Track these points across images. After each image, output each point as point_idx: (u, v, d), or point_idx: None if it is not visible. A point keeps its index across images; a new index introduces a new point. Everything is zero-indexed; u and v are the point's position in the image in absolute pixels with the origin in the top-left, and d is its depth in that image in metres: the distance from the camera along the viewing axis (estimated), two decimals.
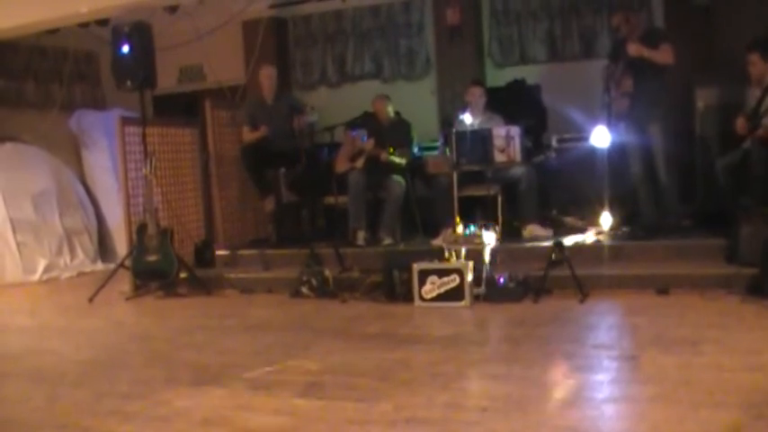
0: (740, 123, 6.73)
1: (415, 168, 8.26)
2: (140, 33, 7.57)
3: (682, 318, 5.35)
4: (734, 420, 3.29)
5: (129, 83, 7.64)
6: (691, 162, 7.55)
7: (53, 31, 9.47)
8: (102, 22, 8.95)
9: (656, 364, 4.26)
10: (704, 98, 7.95)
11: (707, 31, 8.02)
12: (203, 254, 8.38)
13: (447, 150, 7.31)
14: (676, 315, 5.44)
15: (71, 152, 10.59)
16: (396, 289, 6.53)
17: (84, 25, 9.18)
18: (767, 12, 7.52)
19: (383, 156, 7.90)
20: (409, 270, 6.36)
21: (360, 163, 8.10)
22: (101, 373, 4.91)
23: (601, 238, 7.15)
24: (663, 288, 6.10)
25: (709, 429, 3.22)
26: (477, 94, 7.90)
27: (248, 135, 8.47)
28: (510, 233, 7.44)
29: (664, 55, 6.74)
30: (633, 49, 6.81)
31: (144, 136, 7.78)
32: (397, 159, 7.88)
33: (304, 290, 7.01)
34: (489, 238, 6.46)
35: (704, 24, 8.13)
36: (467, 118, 7.46)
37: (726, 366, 4.11)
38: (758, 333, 4.80)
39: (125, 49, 7.54)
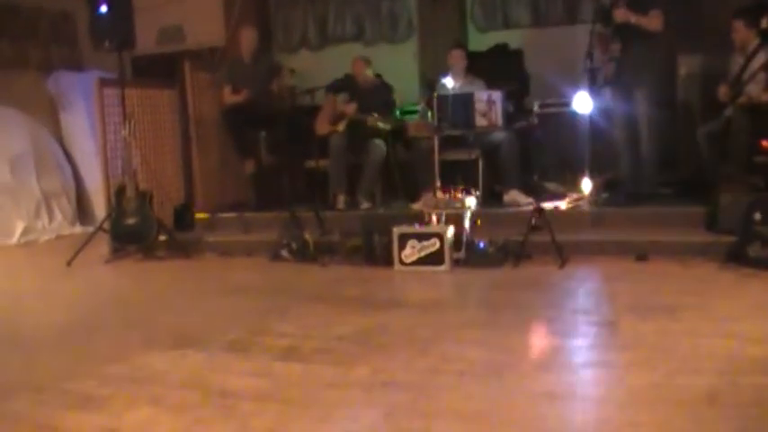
0: (723, 90, 6.75)
1: (397, 132, 8.23)
2: None
3: (660, 284, 5.38)
4: (709, 386, 3.31)
5: (107, 43, 7.53)
6: (673, 129, 7.54)
7: None
8: None
9: (634, 330, 4.28)
10: (687, 65, 7.95)
11: None
12: (183, 217, 8.31)
13: (429, 114, 7.28)
14: (655, 282, 5.47)
15: (48, 114, 10.45)
16: (375, 253, 6.53)
17: None
18: None
19: (370, 120, 7.86)
20: (389, 234, 6.35)
21: (341, 126, 8.06)
22: (79, 336, 4.88)
23: (581, 203, 7.16)
24: (642, 254, 6.13)
25: (685, 395, 3.24)
26: (457, 57, 7.85)
27: (230, 96, 8.37)
28: (490, 198, 7.44)
29: (652, 21, 6.69)
30: (620, 14, 6.76)
31: (122, 98, 7.67)
32: (381, 124, 7.85)
33: (284, 253, 6.99)
34: (470, 203, 6.46)
35: None
36: (448, 82, 7.43)
37: (703, 333, 4.14)
38: (735, 300, 4.84)
39: (103, 8, 7.42)
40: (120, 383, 3.83)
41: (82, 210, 10.28)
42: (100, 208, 8.95)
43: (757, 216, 5.64)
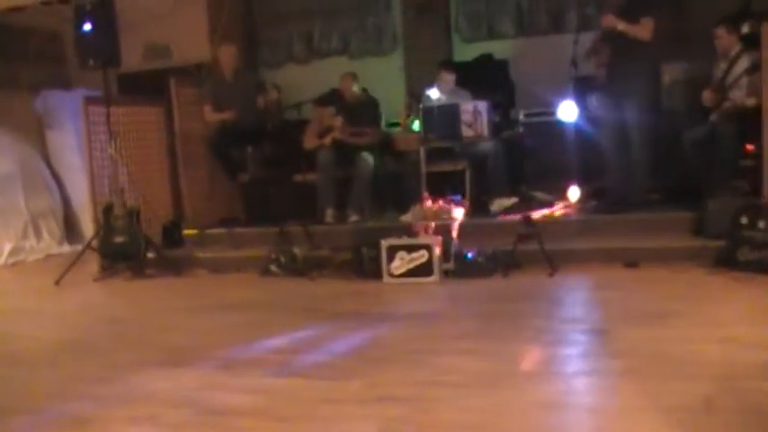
0: (707, 95, 6.79)
1: (384, 144, 8.24)
2: (103, 10, 7.44)
3: (651, 291, 5.40)
4: (703, 392, 3.32)
5: (92, 61, 7.52)
6: (658, 136, 7.58)
7: (18, 10, 9.30)
8: (65, 0, 8.78)
9: (626, 338, 4.29)
10: (671, 73, 7.99)
11: (674, 6, 8.03)
12: (172, 234, 8.31)
13: (410, 122, 7.34)
14: (645, 288, 5.49)
15: (35, 133, 10.41)
16: (365, 266, 6.52)
17: (47, 3, 9.02)
18: None
19: (353, 140, 7.90)
20: (378, 247, 6.35)
21: (328, 140, 8.06)
22: (70, 356, 4.86)
23: (569, 212, 7.18)
24: (631, 261, 6.15)
25: (678, 402, 3.25)
26: (449, 80, 7.84)
27: (211, 115, 8.35)
28: (478, 208, 7.46)
29: (642, 30, 6.68)
30: (606, 20, 6.78)
31: (108, 115, 7.65)
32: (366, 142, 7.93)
33: (273, 268, 6.98)
34: (458, 214, 6.47)
35: None
36: (433, 93, 7.45)
37: (695, 338, 4.15)
38: (726, 305, 4.86)
39: (87, 27, 7.41)
40: (114, 404, 3.81)
41: (70, 229, 10.24)
42: (88, 227, 8.93)
43: (745, 220, 5.68)
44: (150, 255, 7.62)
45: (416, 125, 7.47)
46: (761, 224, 5.60)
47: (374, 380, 3.86)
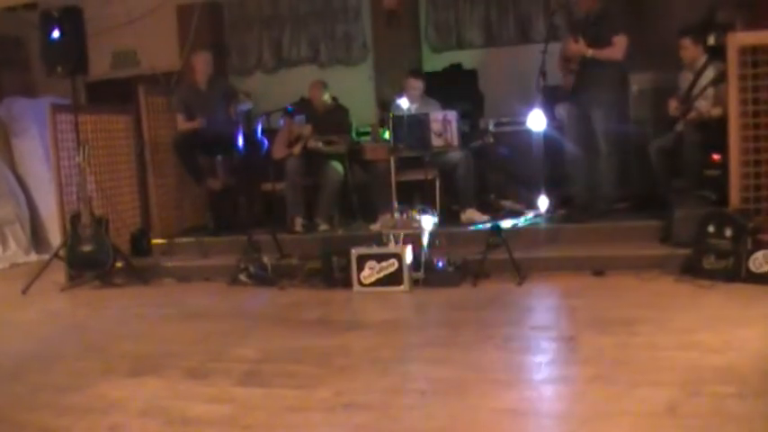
0: (673, 105, 6.84)
1: (354, 153, 8.24)
2: (71, 18, 7.38)
3: (618, 298, 5.43)
4: (670, 398, 3.34)
5: (59, 69, 7.45)
6: (625, 145, 7.63)
7: None
8: (31, 6, 8.71)
9: (594, 345, 4.32)
10: (638, 82, 8.05)
11: (640, 17, 8.10)
12: (140, 243, 8.24)
13: (381, 134, 7.32)
14: (612, 296, 5.52)
15: (1, 141, 10.32)
16: (334, 275, 6.51)
17: (12, 9, 8.95)
18: None
19: (320, 146, 7.89)
20: (347, 255, 6.34)
21: (297, 149, 8.05)
22: (36, 365, 4.80)
23: (538, 221, 7.21)
24: (599, 270, 6.18)
25: (645, 407, 3.27)
26: (417, 87, 7.85)
27: (183, 124, 8.30)
28: (448, 217, 7.47)
29: (612, 52, 6.70)
30: (574, 48, 6.82)
31: (76, 123, 7.59)
32: (335, 149, 7.89)
33: (242, 277, 6.95)
34: (427, 223, 6.47)
35: (637, 9, 8.20)
36: (403, 103, 7.46)
37: (661, 345, 4.18)
38: (692, 312, 4.89)
39: (55, 34, 7.34)
40: (79, 413, 3.78)
41: (36, 238, 10.13)
42: (55, 235, 8.84)
43: (711, 229, 5.74)
44: (118, 264, 7.55)
45: (387, 136, 7.49)
46: (727, 233, 5.66)
47: (341, 388, 3.85)
